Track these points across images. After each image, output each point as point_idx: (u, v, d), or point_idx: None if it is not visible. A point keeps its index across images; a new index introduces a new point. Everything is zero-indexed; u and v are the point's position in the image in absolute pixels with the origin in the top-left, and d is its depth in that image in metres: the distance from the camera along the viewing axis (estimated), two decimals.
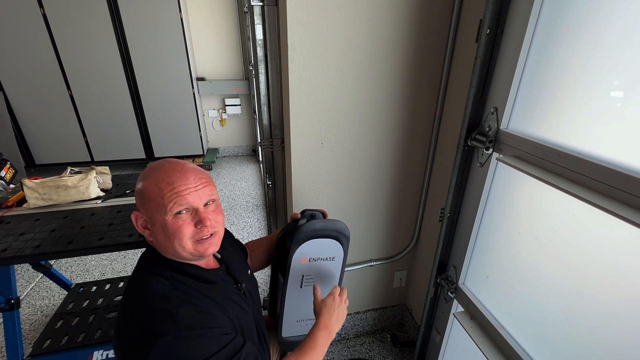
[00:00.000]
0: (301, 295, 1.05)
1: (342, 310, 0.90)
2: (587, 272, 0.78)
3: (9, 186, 1.60)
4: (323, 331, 0.84)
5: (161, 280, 0.68)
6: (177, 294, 0.67)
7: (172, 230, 0.67)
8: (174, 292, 0.66)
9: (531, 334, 0.98)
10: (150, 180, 0.67)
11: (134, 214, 0.70)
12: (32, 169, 3.78)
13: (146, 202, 0.67)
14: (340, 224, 1.02)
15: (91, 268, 2.38)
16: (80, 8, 3.17)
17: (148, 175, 0.68)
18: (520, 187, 0.97)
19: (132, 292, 0.69)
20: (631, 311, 0.69)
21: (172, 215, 0.67)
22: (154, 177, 0.67)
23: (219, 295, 0.74)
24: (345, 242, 1.04)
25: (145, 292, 0.66)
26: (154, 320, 0.62)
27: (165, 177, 0.67)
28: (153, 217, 0.68)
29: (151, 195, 0.67)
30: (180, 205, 0.67)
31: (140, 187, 0.68)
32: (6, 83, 3.36)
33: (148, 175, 0.68)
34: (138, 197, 0.69)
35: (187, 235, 0.68)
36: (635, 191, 0.63)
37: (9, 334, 1.35)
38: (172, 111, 3.77)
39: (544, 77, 0.86)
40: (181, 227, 0.67)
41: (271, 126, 1.42)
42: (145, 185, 0.68)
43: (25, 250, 1.15)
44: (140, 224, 0.71)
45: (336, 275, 1.09)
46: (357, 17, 1.13)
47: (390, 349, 1.76)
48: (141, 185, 0.68)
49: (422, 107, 1.35)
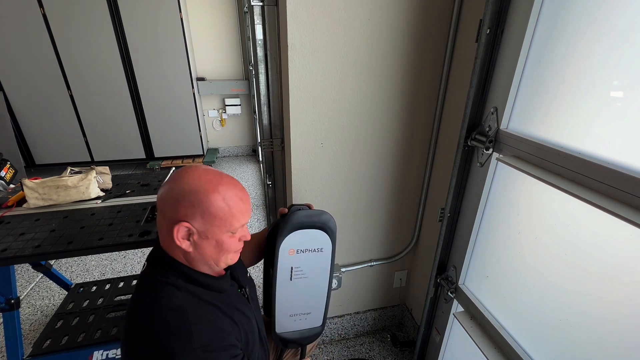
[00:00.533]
0: (292, 289, 1.04)
1: None
2: (587, 272, 0.78)
3: (9, 186, 1.60)
4: None
5: (174, 291, 0.67)
6: (191, 307, 0.66)
7: (227, 246, 0.69)
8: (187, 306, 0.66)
9: (531, 334, 0.98)
10: (217, 197, 0.66)
11: (182, 225, 0.64)
12: (32, 169, 3.78)
13: (208, 217, 0.65)
14: (325, 215, 1.01)
15: (91, 268, 2.38)
16: (80, 8, 3.17)
17: (210, 190, 0.65)
18: (520, 187, 0.97)
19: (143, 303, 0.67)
20: (631, 311, 0.69)
21: (232, 233, 0.69)
22: (221, 194, 0.66)
23: (227, 306, 0.75)
24: (332, 233, 1.03)
25: (159, 305, 0.65)
26: (169, 339, 0.61)
27: (233, 196, 0.68)
28: (209, 232, 0.66)
29: (218, 212, 0.66)
30: (242, 225, 0.70)
31: (209, 203, 0.65)
32: (6, 83, 3.37)
33: (210, 190, 0.65)
34: (196, 210, 0.65)
35: (234, 249, 0.72)
36: (635, 191, 0.63)
37: (9, 334, 1.35)
38: (172, 111, 3.77)
39: (544, 77, 0.86)
40: (234, 242, 0.71)
41: (271, 126, 1.42)
42: (212, 201, 0.65)
43: (25, 250, 1.15)
44: (182, 235, 0.66)
45: (326, 268, 1.07)
46: (357, 17, 1.13)
47: (390, 349, 1.76)
48: (209, 201, 0.65)
49: (422, 107, 1.35)
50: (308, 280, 1.05)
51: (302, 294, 1.04)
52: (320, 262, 1.05)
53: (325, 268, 1.06)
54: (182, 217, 0.65)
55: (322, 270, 1.06)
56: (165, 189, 0.67)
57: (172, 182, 0.67)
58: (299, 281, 1.03)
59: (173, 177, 0.68)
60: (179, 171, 0.69)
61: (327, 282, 1.09)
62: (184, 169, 0.68)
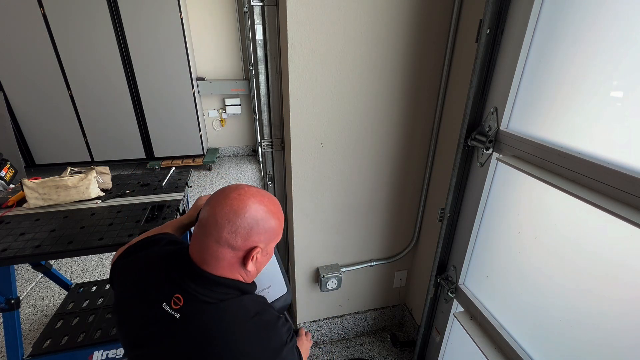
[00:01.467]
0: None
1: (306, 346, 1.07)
2: (587, 272, 0.78)
3: (9, 186, 1.60)
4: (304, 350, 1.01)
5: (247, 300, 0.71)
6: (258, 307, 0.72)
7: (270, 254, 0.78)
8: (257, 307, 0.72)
9: (531, 334, 0.98)
10: (276, 219, 0.74)
11: (259, 249, 0.70)
12: (32, 169, 3.78)
13: (272, 236, 0.73)
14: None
15: (91, 268, 2.38)
16: (80, 8, 3.17)
17: (272, 213, 0.72)
18: (520, 187, 0.98)
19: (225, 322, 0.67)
20: (631, 311, 0.69)
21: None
22: (276, 214, 0.74)
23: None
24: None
25: (243, 316, 0.68)
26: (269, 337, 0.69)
27: (279, 211, 0.76)
28: (269, 247, 0.74)
29: (277, 230, 0.74)
30: None
31: (275, 225, 0.73)
32: (6, 83, 3.37)
33: (272, 213, 0.72)
34: (270, 234, 0.72)
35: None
36: (635, 191, 0.63)
37: (9, 334, 1.35)
38: (172, 111, 3.77)
39: (544, 77, 0.86)
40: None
41: (271, 126, 1.42)
42: (275, 223, 0.73)
43: (25, 250, 1.15)
44: (255, 258, 0.71)
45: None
46: (357, 17, 1.13)
47: (390, 349, 1.76)
48: (275, 224, 0.73)
49: (422, 107, 1.35)
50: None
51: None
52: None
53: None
54: (255, 243, 0.69)
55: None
56: (231, 221, 0.66)
57: (236, 213, 0.67)
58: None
59: (234, 206, 0.67)
60: (234, 198, 0.68)
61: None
62: (238, 195, 0.69)
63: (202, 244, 0.67)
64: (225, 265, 0.68)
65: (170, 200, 1.51)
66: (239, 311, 0.68)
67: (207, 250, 0.67)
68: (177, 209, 1.43)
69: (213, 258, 0.67)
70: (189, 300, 0.66)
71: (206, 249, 0.67)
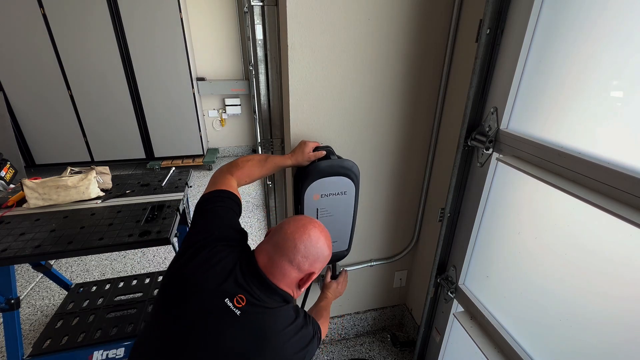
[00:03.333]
0: None
1: (341, 291, 1.35)
2: (587, 271, 0.78)
3: (9, 186, 1.60)
4: (329, 303, 1.25)
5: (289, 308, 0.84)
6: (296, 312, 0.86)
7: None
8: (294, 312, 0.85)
9: (531, 334, 0.98)
10: (331, 250, 0.91)
11: (315, 275, 0.87)
12: (32, 169, 3.78)
13: (325, 265, 0.90)
14: (347, 162, 1.13)
15: (91, 268, 2.38)
16: (80, 8, 3.17)
17: (331, 246, 0.91)
18: (520, 187, 0.98)
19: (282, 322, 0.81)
20: (631, 310, 0.69)
21: None
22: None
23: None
24: (355, 177, 1.14)
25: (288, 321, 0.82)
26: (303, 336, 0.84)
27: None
28: (316, 275, 0.88)
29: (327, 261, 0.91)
30: None
31: (329, 256, 0.89)
32: (6, 83, 3.37)
33: (331, 246, 0.91)
34: (325, 263, 0.89)
35: None
36: (635, 191, 0.63)
37: (9, 334, 1.35)
38: (172, 111, 3.77)
39: (544, 77, 0.86)
40: None
41: (271, 126, 1.42)
42: (330, 254, 0.90)
43: (25, 250, 1.15)
44: (310, 282, 0.87)
45: (350, 206, 1.19)
46: (358, 17, 1.13)
47: (390, 349, 1.76)
48: (329, 255, 0.89)
49: (422, 107, 1.35)
50: (333, 217, 1.19)
51: (328, 228, 1.15)
52: (344, 203, 1.17)
53: (349, 206, 1.19)
54: (314, 269, 0.85)
55: (346, 208, 1.19)
56: (307, 249, 0.82)
57: (312, 243, 0.83)
58: (324, 219, 1.17)
59: (312, 237, 0.84)
60: (312, 229, 0.85)
61: (351, 218, 1.23)
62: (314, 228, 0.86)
63: (274, 260, 0.81)
64: (287, 282, 0.82)
65: (170, 200, 1.51)
66: (285, 317, 0.82)
67: (277, 266, 0.81)
68: (177, 209, 1.43)
69: (280, 274, 0.81)
70: (251, 302, 0.77)
71: (277, 265, 0.81)
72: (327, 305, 1.23)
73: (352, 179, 1.13)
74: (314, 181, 1.09)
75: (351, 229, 1.27)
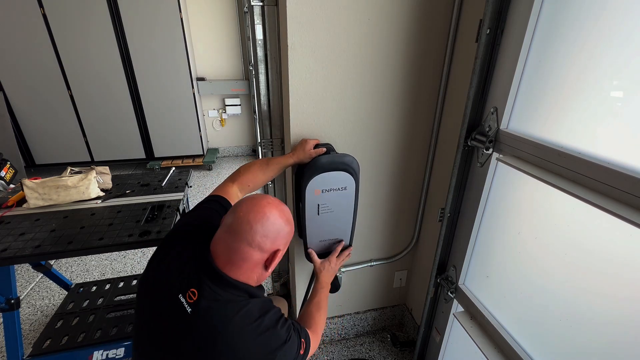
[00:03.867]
0: (320, 221, 1.20)
1: (335, 270, 1.26)
2: (587, 271, 0.78)
3: (9, 186, 1.60)
4: (325, 288, 1.19)
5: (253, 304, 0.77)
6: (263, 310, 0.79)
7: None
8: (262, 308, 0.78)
9: (531, 334, 0.98)
10: (293, 226, 0.85)
11: (281, 252, 0.80)
12: (32, 169, 3.78)
13: (288, 241, 0.84)
14: (347, 157, 1.14)
15: (91, 268, 2.38)
16: (80, 8, 3.17)
17: (292, 221, 0.84)
18: (520, 187, 0.98)
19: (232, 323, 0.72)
20: (631, 310, 0.69)
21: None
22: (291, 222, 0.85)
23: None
24: (354, 173, 1.15)
25: (247, 320, 0.74)
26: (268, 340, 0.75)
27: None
28: (284, 250, 0.83)
29: (291, 236, 0.85)
30: None
31: (291, 231, 0.83)
32: (6, 83, 3.37)
33: (292, 221, 0.84)
34: (288, 239, 0.83)
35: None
36: (635, 191, 0.63)
37: (9, 334, 1.35)
38: (172, 111, 3.77)
39: (544, 77, 0.86)
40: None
41: (271, 126, 1.42)
42: (292, 230, 0.84)
43: (25, 250, 1.15)
44: (276, 260, 0.80)
45: (350, 203, 1.21)
46: (358, 18, 1.13)
47: (390, 349, 1.76)
48: (291, 230, 0.83)
49: (422, 107, 1.35)
50: (334, 213, 1.21)
51: (329, 225, 1.22)
52: (344, 198, 1.19)
53: (349, 202, 1.21)
54: (278, 247, 0.79)
55: (346, 205, 1.21)
56: (264, 226, 0.76)
57: (268, 219, 0.77)
58: (325, 215, 1.19)
59: (266, 213, 0.77)
60: (264, 206, 0.78)
61: (352, 214, 1.24)
62: (268, 204, 0.79)
63: (230, 246, 0.75)
64: (248, 267, 0.76)
65: (170, 200, 1.51)
66: (244, 315, 0.74)
67: (236, 252, 0.74)
68: (177, 209, 1.43)
69: (240, 259, 0.75)
70: (203, 295, 0.72)
71: (235, 250, 0.74)
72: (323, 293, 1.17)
73: (352, 174, 1.15)
74: (316, 176, 1.10)
75: (352, 224, 1.27)
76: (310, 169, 1.10)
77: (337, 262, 1.26)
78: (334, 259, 1.25)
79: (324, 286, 1.20)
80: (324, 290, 1.18)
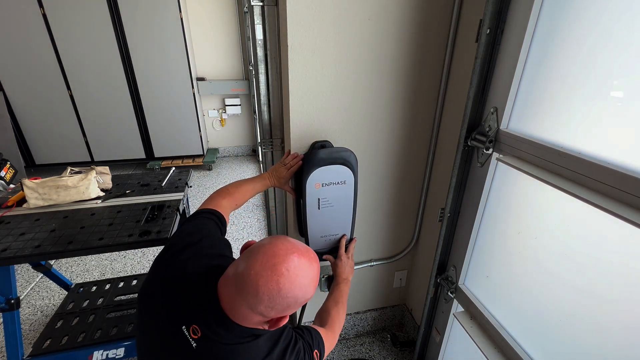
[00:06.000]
0: (321, 216, 1.23)
1: (351, 264, 1.30)
2: (587, 272, 0.78)
3: (9, 186, 1.60)
4: (341, 284, 1.21)
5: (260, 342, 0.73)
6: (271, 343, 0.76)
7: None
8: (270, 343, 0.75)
9: (531, 334, 0.98)
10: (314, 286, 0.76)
11: (287, 318, 0.72)
12: (32, 169, 3.78)
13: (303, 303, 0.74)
14: (346, 151, 1.16)
15: (91, 268, 2.38)
16: (80, 8, 3.17)
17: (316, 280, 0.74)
18: (520, 187, 0.98)
19: None
20: (631, 310, 0.69)
21: None
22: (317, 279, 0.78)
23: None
24: (353, 166, 1.17)
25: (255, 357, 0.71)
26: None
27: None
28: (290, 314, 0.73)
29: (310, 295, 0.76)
30: None
31: (312, 295, 0.73)
32: (6, 83, 3.36)
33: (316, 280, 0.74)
34: (302, 303, 0.71)
35: None
36: (635, 191, 0.63)
37: (9, 334, 1.35)
38: (172, 111, 3.77)
39: (544, 77, 0.86)
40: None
41: (271, 126, 1.42)
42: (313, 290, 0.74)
43: (25, 250, 1.15)
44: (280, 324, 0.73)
45: (350, 197, 1.23)
46: (357, 18, 1.13)
47: (390, 349, 1.76)
48: (312, 294, 0.72)
49: (422, 107, 1.35)
50: (334, 208, 1.23)
51: (330, 220, 1.25)
52: (344, 193, 1.21)
53: (349, 197, 1.23)
54: (286, 314, 0.70)
55: (346, 199, 1.23)
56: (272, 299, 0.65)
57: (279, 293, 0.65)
58: (326, 209, 1.22)
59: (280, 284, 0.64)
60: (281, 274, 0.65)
61: (351, 209, 1.27)
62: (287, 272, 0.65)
63: (234, 298, 0.66)
64: (250, 322, 0.69)
65: (170, 200, 1.51)
66: (254, 353, 0.71)
67: (238, 307, 0.66)
68: (177, 209, 1.43)
69: (241, 316, 0.67)
70: (206, 336, 0.67)
71: (238, 305, 0.66)
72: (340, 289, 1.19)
73: (351, 167, 1.17)
74: (316, 169, 1.13)
75: (352, 219, 1.30)
76: (310, 163, 1.13)
77: (348, 254, 1.31)
78: (344, 254, 1.29)
79: (340, 282, 1.22)
80: (341, 286, 1.21)
